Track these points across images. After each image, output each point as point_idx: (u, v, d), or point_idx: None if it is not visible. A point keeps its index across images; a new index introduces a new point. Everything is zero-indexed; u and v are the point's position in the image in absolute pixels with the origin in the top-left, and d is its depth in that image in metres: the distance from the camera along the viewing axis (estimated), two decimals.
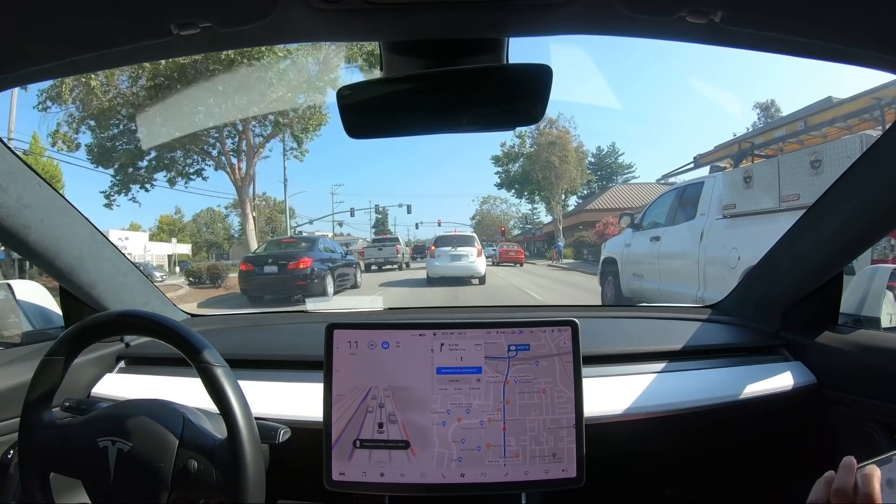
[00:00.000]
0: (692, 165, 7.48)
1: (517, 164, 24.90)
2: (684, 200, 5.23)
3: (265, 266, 8.92)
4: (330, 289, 9.22)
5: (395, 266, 16.38)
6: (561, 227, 21.95)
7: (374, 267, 15.64)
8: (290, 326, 1.43)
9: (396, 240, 18.28)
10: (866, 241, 1.03)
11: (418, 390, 0.84)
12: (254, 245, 13.54)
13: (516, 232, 35.06)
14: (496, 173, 26.90)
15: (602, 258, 6.95)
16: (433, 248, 11.43)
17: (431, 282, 10.90)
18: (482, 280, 10.68)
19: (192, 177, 14.37)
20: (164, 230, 26.44)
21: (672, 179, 7.99)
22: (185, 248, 23.87)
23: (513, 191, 26.46)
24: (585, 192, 27.23)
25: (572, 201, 25.96)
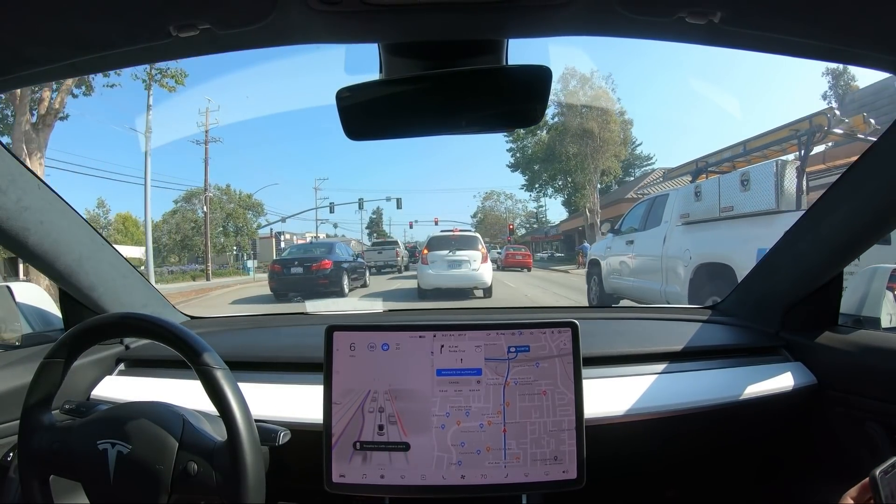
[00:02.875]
0: (661, 180, 8.12)
1: (534, 139, 20.32)
2: (654, 209, 6.02)
3: (292, 267, 10.01)
4: (346, 287, 10.02)
5: (395, 269, 16.47)
6: (598, 221, 15.88)
7: (373, 270, 15.67)
8: (290, 328, 1.43)
9: (396, 243, 18.44)
10: (866, 241, 1.03)
11: (418, 392, 0.83)
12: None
13: (522, 232, 33.41)
14: (508, 150, 22.67)
15: (588, 260, 7.81)
16: (426, 251, 8.82)
17: (423, 294, 8.64)
18: (488, 292, 8.60)
19: None
20: (121, 231, 23.83)
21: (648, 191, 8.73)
22: (135, 251, 19.73)
23: (528, 175, 22.15)
24: (601, 185, 22.49)
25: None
